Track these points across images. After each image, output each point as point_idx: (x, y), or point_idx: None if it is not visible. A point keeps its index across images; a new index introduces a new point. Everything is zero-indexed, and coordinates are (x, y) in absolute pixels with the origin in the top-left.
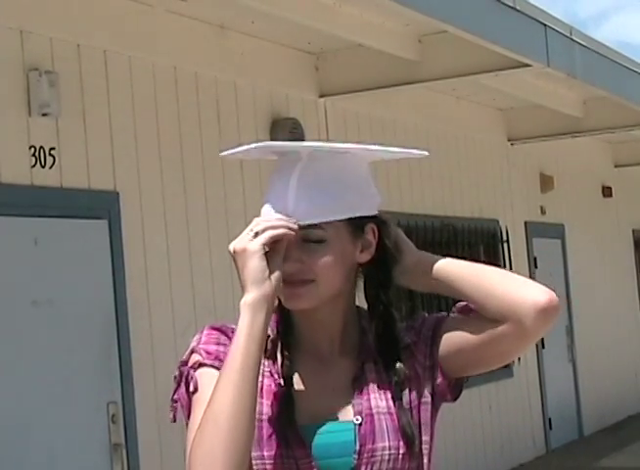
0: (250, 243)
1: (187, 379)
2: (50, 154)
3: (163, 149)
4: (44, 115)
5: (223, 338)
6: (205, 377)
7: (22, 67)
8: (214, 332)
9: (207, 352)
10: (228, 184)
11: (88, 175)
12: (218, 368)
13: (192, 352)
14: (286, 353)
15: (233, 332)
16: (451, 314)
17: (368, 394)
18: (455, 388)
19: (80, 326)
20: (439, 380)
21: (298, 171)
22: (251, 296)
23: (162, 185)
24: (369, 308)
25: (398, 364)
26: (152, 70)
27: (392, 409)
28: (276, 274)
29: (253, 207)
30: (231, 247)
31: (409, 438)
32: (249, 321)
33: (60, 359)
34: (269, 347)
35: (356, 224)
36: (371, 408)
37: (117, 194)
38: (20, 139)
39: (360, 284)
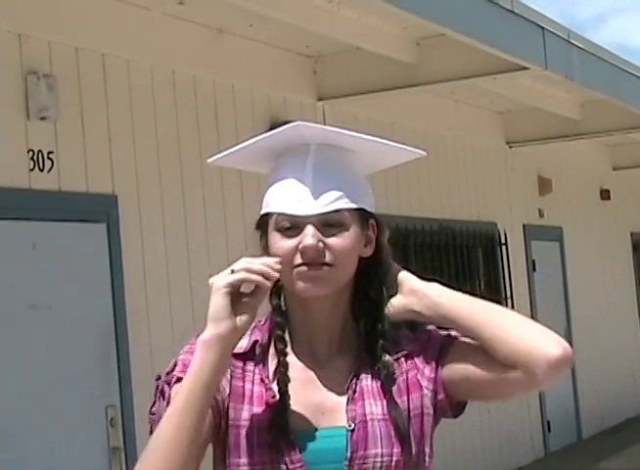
0: (218, 279)
1: (162, 393)
2: (48, 157)
3: (162, 152)
4: (42, 118)
5: None
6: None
7: (20, 70)
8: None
9: (184, 366)
10: (226, 188)
11: (86, 179)
12: None
13: (174, 364)
14: (281, 359)
15: None
16: (461, 338)
17: (363, 399)
18: (457, 407)
19: (79, 330)
20: (442, 396)
21: (312, 160)
22: (206, 333)
23: (161, 189)
24: (359, 305)
25: (387, 357)
26: (150, 74)
27: (387, 415)
28: (243, 317)
29: (252, 211)
30: (210, 280)
31: (404, 439)
32: (199, 360)
33: (58, 363)
34: (257, 352)
35: (362, 218)
36: (365, 415)
37: (116, 197)
38: (18, 143)
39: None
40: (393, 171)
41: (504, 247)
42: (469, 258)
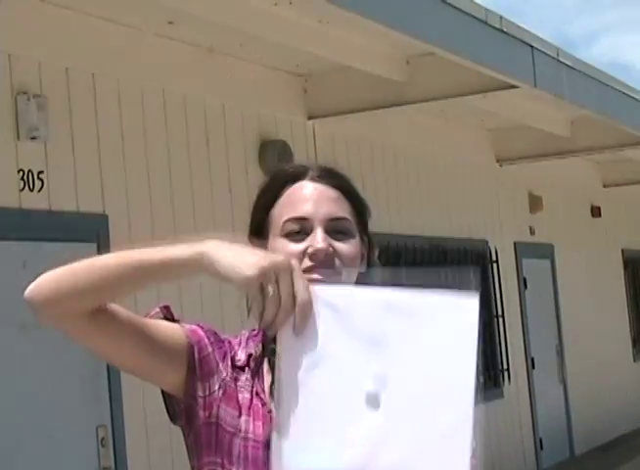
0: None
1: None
2: (38, 177)
3: (152, 172)
4: (32, 138)
5: (214, 338)
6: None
7: (10, 90)
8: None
9: (190, 325)
10: (217, 207)
11: (77, 198)
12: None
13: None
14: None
15: (224, 342)
16: None
17: None
18: None
19: (68, 350)
20: None
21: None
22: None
23: (151, 207)
24: None
25: None
26: (140, 93)
27: None
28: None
29: (242, 231)
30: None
31: None
32: (185, 249)
33: (48, 383)
34: (252, 365)
35: (361, 232)
36: None
37: (106, 217)
38: (8, 163)
39: None
40: (384, 189)
41: (495, 264)
42: (460, 275)
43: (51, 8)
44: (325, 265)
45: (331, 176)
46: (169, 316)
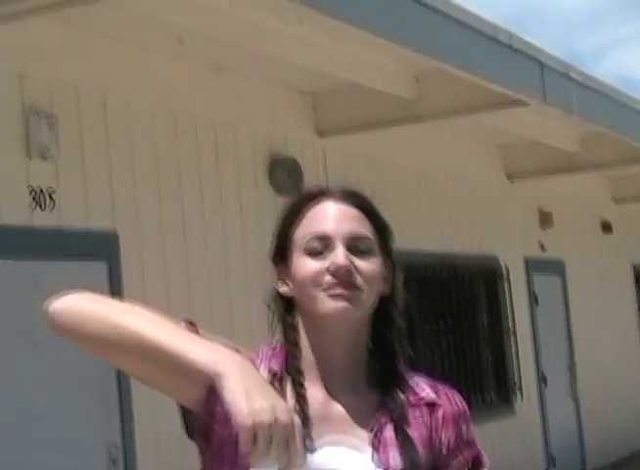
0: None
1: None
2: (49, 196)
3: (162, 190)
4: (43, 157)
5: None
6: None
7: (21, 110)
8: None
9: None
10: (227, 224)
11: (87, 217)
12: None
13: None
14: (300, 392)
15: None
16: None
17: (386, 448)
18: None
19: (80, 368)
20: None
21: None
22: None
23: (162, 226)
24: (374, 346)
25: (399, 393)
26: (150, 112)
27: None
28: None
29: (252, 251)
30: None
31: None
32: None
33: (60, 400)
34: (276, 385)
35: (384, 254)
36: (388, 462)
37: (117, 235)
38: (19, 181)
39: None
40: (394, 206)
41: (506, 281)
42: (471, 292)
43: (60, 29)
44: (346, 282)
45: (353, 197)
46: (194, 332)
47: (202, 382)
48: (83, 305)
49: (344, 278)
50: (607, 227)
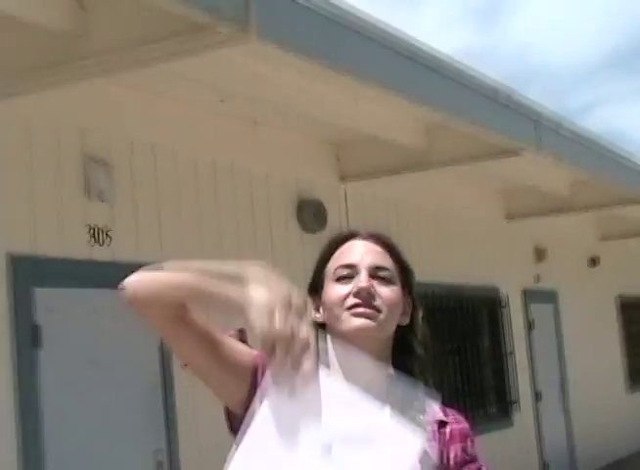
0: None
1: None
2: (106, 233)
3: (203, 227)
4: (101, 200)
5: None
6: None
7: (82, 158)
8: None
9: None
10: (260, 259)
11: (138, 251)
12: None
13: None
14: None
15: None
16: None
17: None
18: None
19: (131, 385)
20: None
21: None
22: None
23: (201, 258)
24: (396, 373)
25: (421, 416)
26: (194, 162)
27: None
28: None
29: (300, 279)
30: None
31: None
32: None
33: (113, 413)
34: None
35: (406, 287)
36: None
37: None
38: (80, 221)
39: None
40: (408, 243)
41: (505, 309)
42: (474, 319)
43: (116, 88)
44: (367, 303)
45: (378, 237)
46: (244, 339)
47: (244, 371)
48: (150, 280)
49: (366, 299)
50: (594, 262)
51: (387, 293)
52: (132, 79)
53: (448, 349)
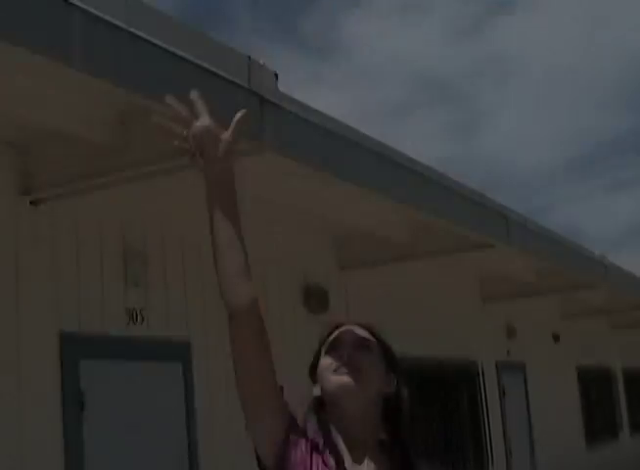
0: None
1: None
2: (141, 314)
3: (224, 311)
4: (136, 285)
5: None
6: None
7: (122, 248)
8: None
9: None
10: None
11: (168, 329)
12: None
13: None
14: (341, 448)
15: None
16: None
17: None
18: None
19: (160, 448)
20: None
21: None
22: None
23: (223, 336)
24: (389, 440)
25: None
26: None
27: None
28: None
29: (292, 359)
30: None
31: None
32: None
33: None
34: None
35: (387, 363)
36: None
37: (189, 344)
38: (119, 303)
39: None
40: (398, 323)
41: (481, 378)
42: (455, 386)
43: (150, 191)
44: (349, 365)
45: (365, 324)
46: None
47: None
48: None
49: (348, 362)
50: (556, 338)
51: (367, 358)
52: (164, 184)
53: (433, 413)
